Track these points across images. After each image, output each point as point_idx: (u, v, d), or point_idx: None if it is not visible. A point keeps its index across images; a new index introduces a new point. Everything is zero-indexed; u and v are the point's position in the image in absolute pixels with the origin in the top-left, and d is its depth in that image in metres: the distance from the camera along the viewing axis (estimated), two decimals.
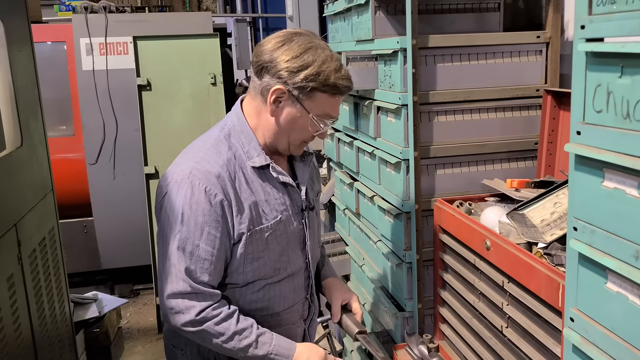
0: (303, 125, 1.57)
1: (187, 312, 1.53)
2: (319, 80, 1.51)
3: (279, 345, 1.59)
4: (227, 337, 1.55)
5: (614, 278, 1.06)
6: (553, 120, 2.08)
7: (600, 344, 1.10)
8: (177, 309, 1.54)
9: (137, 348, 4.19)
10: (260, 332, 1.59)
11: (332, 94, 1.55)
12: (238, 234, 1.56)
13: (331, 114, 1.59)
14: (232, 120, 1.64)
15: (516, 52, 2.17)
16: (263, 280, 1.65)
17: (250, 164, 1.59)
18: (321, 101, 1.55)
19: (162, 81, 4.35)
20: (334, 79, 1.52)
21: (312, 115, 1.55)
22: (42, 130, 2.55)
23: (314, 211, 1.78)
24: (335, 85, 1.53)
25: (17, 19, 2.33)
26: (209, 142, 1.61)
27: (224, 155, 1.57)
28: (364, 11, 2.41)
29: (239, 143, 1.61)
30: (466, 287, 1.87)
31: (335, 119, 1.62)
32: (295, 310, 1.75)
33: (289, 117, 1.57)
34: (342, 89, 1.55)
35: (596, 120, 1.07)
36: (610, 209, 1.05)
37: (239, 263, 1.60)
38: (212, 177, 1.52)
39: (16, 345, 1.94)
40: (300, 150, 1.68)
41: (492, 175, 2.19)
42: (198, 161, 1.55)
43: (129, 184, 4.60)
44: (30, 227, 2.23)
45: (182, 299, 1.53)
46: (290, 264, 1.69)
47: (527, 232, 1.60)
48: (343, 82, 1.55)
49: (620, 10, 0.98)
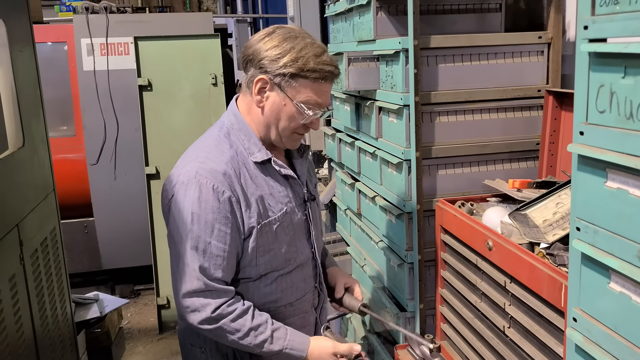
0: (289, 113, 1.58)
1: (203, 310, 1.55)
2: (298, 65, 1.52)
3: (293, 340, 1.62)
4: (243, 334, 1.57)
5: (617, 278, 1.06)
6: (555, 121, 2.08)
7: (603, 344, 1.10)
8: (193, 307, 1.56)
9: (138, 348, 4.19)
10: (275, 327, 1.61)
11: (314, 79, 1.55)
12: (248, 228, 1.59)
13: (317, 101, 1.58)
14: (229, 119, 1.67)
15: (518, 53, 2.17)
16: (275, 272, 1.67)
17: (252, 159, 1.62)
18: (304, 87, 1.55)
19: (162, 81, 4.35)
20: (313, 64, 1.53)
21: (295, 102, 1.56)
22: (44, 131, 2.55)
23: (315, 202, 1.81)
24: (315, 70, 1.53)
25: (19, 19, 2.33)
26: (210, 142, 1.63)
27: (226, 153, 1.59)
28: (365, 12, 2.41)
29: (239, 140, 1.63)
30: (468, 288, 1.87)
31: (324, 107, 1.60)
32: (307, 299, 1.78)
33: (274, 106, 1.58)
34: (323, 74, 1.55)
35: (599, 121, 1.07)
36: (613, 209, 1.05)
37: (251, 257, 1.62)
38: (219, 175, 1.54)
39: (18, 345, 1.94)
40: (295, 143, 1.68)
41: (493, 175, 2.19)
42: (203, 161, 1.57)
43: (129, 184, 4.60)
44: (32, 228, 2.23)
45: (197, 297, 1.55)
46: (299, 254, 1.72)
47: (529, 233, 1.60)
48: (324, 66, 1.55)
49: (623, 11, 0.98)
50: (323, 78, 1.56)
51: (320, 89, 1.58)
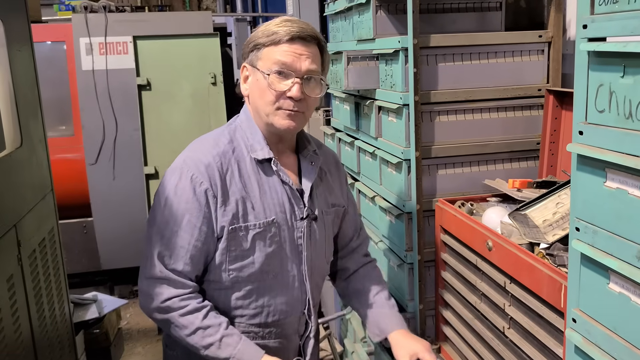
0: (262, 85, 1.52)
1: (155, 298, 1.52)
2: (258, 36, 1.52)
3: (243, 352, 1.51)
4: (190, 331, 1.51)
5: (617, 279, 1.06)
6: (555, 120, 2.07)
7: (603, 345, 1.10)
8: (146, 293, 1.53)
9: (137, 349, 4.18)
10: (227, 332, 1.52)
11: (275, 42, 1.50)
12: (220, 227, 1.52)
13: (282, 60, 1.49)
14: (240, 118, 1.65)
15: (518, 52, 2.17)
16: (248, 284, 1.58)
17: (252, 155, 1.57)
18: (268, 54, 1.51)
19: (162, 81, 4.35)
20: (272, 28, 1.51)
21: (263, 71, 1.51)
22: (42, 131, 2.54)
23: (323, 223, 1.69)
24: (273, 32, 1.50)
25: (17, 18, 2.32)
26: (211, 135, 1.62)
27: (220, 147, 1.57)
28: (365, 10, 2.40)
29: (242, 138, 1.60)
30: (468, 288, 1.86)
31: (294, 69, 1.50)
32: (289, 324, 1.66)
33: (253, 86, 1.56)
34: (281, 33, 1.49)
35: (598, 120, 1.06)
36: (613, 209, 1.04)
37: (221, 259, 1.55)
38: (201, 166, 1.52)
39: (16, 346, 1.93)
40: (283, 121, 1.54)
41: (493, 175, 2.18)
42: (192, 150, 1.57)
43: (128, 184, 4.59)
44: (29, 228, 2.22)
45: (152, 283, 1.52)
46: (282, 271, 1.61)
47: (529, 233, 1.59)
48: (281, 28, 1.50)
49: (622, 10, 0.98)
50: (282, 38, 1.49)
51: (283, 51, 1.50)
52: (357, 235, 1.88)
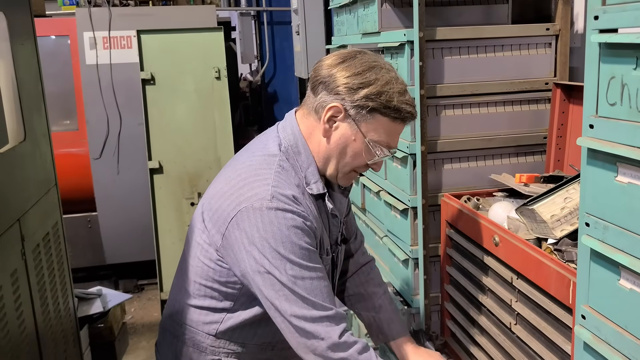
0: (356, 150, 1.43)
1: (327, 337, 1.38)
2: (380, 100, 1.38)
3: None
4: None
5: (628, 275, 1.04)
6: (562, 114, 2.05)
7: (613, 342, 1.08)
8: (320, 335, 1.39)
9: (141, 343, 4.18)
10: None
11: (393, 118, 1.40)
12: None
13: (389, 143, 1.43)
14: (288, 139, 1.48)
15: (525, 45, 2.14)
16: None
17: (307, 190, 1.45)
18: (380, 125, 1.40)
19: (166, 75, 4.33)
20: (397, 102, 1.38)
21: (367, 140, 1.41)
22: (46, 125, 2.54)
23: (343, 246, 1.67)
24: (397, 109, 1.39)
25: (20, 12, 2.31)
26: (272, 162, 1.44)
27: (292, 179, 1.44)
28: (370, 3, 2.38)
29: (296, 166, 1.46)
30: (474, 284, 1.85)
31: (392, 149, 1.46)
32: None
33: (343, 139, 1.43)
34: (404, 114, 1.41)
35: (610, 113, 1.04)
36: (624, 204, 1.03)
37: None
38: (298, 204, 1.40)
39: (20, 340, 1.93)
40: (349, 181, 1.53)
41: (500, 170, 2.16)
42: (275, 185, 1.39)
43: (133, 178, 4.59)
44: (33, 222, 2.22)
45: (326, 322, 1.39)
46: None
47: (537, 228, 1.57)
48: (406, 107, 1.40)
49: (635, 0, 0.96)
50: (402, 119, 1.42)
51: (395, 130, 1.44)
52: (355, 236, 1.86)
